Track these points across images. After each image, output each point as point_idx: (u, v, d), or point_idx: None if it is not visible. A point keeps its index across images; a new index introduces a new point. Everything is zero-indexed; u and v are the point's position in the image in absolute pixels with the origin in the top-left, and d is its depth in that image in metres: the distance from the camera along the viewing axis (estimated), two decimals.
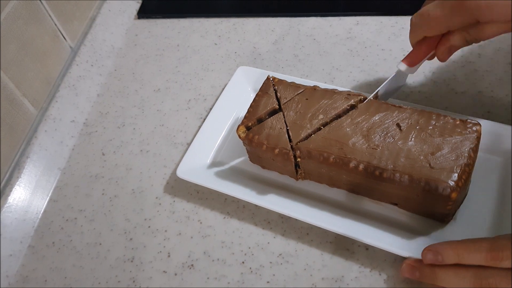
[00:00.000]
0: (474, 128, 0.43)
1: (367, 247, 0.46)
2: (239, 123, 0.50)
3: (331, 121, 0.47)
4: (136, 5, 0.79)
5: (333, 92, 0.50)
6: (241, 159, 0.54)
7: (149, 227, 0.52)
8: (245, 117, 0.50)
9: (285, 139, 0.47)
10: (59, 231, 0.53)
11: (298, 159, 0.47)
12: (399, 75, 0.50)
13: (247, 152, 0.52)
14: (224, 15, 0.74)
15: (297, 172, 0.49)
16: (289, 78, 0.54)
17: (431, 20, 0.42)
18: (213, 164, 0.54)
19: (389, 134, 0.44)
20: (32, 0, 0.59)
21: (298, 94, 0.50)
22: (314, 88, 0.51)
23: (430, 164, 0.42)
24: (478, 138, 0.43)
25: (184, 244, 0.50)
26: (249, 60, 0.67)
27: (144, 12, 0.77)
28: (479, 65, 0.59)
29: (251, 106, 0.51)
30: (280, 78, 0.53)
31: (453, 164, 0.41)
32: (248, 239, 0.49)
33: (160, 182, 0.55)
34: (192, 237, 0.50)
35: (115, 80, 0.68)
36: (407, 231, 0.45)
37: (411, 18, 0.45)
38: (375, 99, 0.49)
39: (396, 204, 0.47)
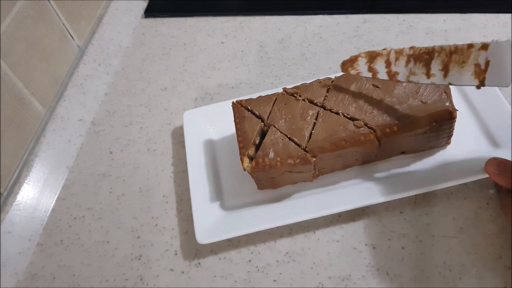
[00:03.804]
0: None
1: (374, 246, 0.46)
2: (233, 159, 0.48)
3: (320, 111, 0.48)
4: (143, 4, 0.79)
5: (305, 86, 0.50)
6: (248, 193, 0.51)
7: (156, 225, 0.52)
8: (241, 148, 0.48)
9: (293, 147, 0.46)
10: (67, 229, 0.54)
11: (314, 159, 0.46)
12: (508, 53, 0.37)
13: (256, 181, 0.50)
14: (231, 14, 0.74)
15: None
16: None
17: None
18: (227, 213, 0.50)
19: (373, 96, 0.47)
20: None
21: (274, 103, 0.50)
22: (284, 91, 0.51)
23: (422, 101, 0.46)
24: None
25: (191, 242, 0.50)
26: (256, 58, 0.67)
27: (151, 11, 0.77)
28: None
29: (238, 136, 0.49)
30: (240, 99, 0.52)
31: (439, 92, 0.46)
32: (254, 238, 0.49)
33: (167, 180, 0.56)
34: None
35: (122, 79, 0.69)
36: (421, 171, 0.49)
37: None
38: (481, 82, 0.41)
39: (404, 153, 0.50)
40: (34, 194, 0.55)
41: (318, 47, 0.66)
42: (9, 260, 0.50)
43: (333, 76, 0.51)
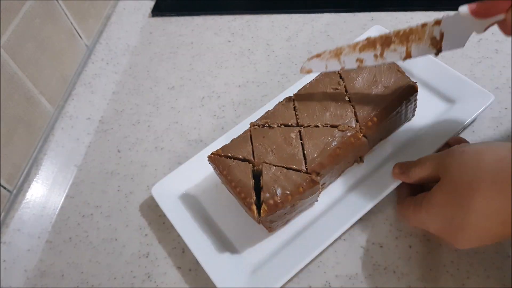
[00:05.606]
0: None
1: (381, 245, 0.46)
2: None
3: (300, 131, 0.47)
4: (151, 3, 0.79)
5: (271, 113, 0.49)
6: (259, 237, 0.48)
7: (163, 223, 0.52)
8: (243, 198, 0.44)
9: (295, 174, 0.44)
10: (76, 226, 0.54)
11: (319, 177, 0.45)
12: (458, 23, 0.40)
13: (266, 226, 0.46)
14: (238, 12, 0.74)
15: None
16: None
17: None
18: (251, 268, 0.46)
19: (339, 98, 0.49)
20: None
21: (251, 141, 0.47)
22: (254, 125, 0.49)
23: (384, 86, 0.49)
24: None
25: None
26: (263, 57, 0.67)
27: (159, 10, 0.78)
28: (496, 60, 0.58)
29: (234, 187, 0.45)
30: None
31: (394, 72, 0.49)
32: None
33: None
34: None
35: (130, 78, 0.69)
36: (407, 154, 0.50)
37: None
38: (438, 50, 0.43)
39: (381, 139, 0.52)
40: (43, 192, 0.55)
41: (325, 45, 0.66)
42: (18, 257, 0.51)
43: (294, 92, 0.51)
